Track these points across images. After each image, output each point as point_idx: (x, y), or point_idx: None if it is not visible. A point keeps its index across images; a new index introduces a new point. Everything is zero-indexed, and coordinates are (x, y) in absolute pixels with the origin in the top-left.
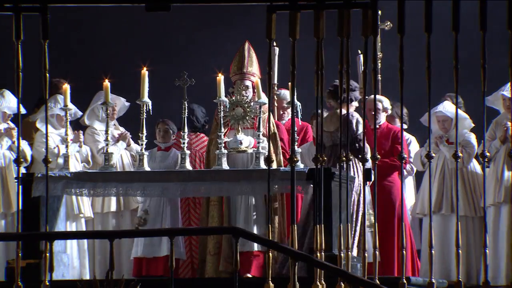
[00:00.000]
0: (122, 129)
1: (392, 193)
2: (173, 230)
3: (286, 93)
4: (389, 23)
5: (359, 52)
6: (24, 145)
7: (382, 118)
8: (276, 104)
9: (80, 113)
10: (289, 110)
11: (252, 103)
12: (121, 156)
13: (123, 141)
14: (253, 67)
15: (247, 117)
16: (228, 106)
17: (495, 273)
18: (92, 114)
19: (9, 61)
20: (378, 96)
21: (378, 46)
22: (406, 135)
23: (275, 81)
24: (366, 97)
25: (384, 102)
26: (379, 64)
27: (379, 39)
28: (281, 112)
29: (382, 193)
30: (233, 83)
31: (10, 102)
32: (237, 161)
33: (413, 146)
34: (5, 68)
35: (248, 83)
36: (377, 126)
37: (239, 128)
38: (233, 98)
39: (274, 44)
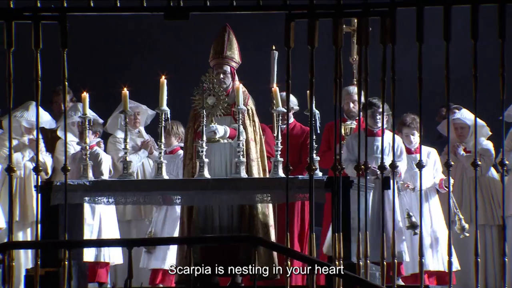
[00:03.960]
0: (146, 137)
1: None
2: (190, 239)
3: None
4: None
5: None
6: (47, 157)
7: None
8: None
9: (101, 120)
10: (291, 113)
11: (224, 93)
12: (143, 164)
13: (145, 149)
14: (232, 52)
15: (220, 106)
16: (196, 91)
17: None
18: (114, 122)
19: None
20: None
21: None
22: (428, 149)
23: (275, 86)
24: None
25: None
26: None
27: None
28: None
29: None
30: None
31: (32, 116)
32: (215, 151)
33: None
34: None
35: (226, 67)
36: None
37: (212, 118)
38: (206, 85)
39: (274, 47)
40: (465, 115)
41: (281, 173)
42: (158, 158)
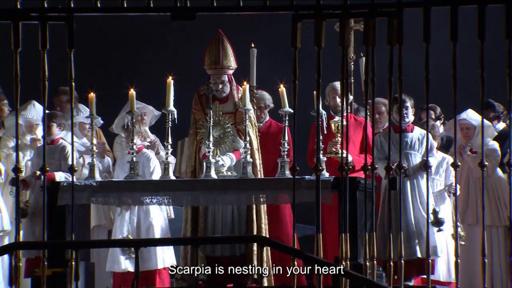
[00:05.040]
0: (152, 137)
1: None
2: (197, 239)
3: (263, 94)
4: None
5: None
6: None
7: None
8: (255, 107)
9: (101, 121)
10: (266, 111)
11: (229, 125)
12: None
13: (152, 150)
14: (228, 59)
15: (225, 139)
16: (204, 124)
17: None
18: (121, 122)
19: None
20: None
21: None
22: (442, 155)
23: (254, 84)
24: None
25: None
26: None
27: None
28: (258, 113)
29: None
30: (208, 77)
31: (30, 114)
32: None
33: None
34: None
35: (224, 77)
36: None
37: (217, 151)
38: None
39: (252, 45)
40: (471, 116)
41: (288, 174)
42: (165, 159)
